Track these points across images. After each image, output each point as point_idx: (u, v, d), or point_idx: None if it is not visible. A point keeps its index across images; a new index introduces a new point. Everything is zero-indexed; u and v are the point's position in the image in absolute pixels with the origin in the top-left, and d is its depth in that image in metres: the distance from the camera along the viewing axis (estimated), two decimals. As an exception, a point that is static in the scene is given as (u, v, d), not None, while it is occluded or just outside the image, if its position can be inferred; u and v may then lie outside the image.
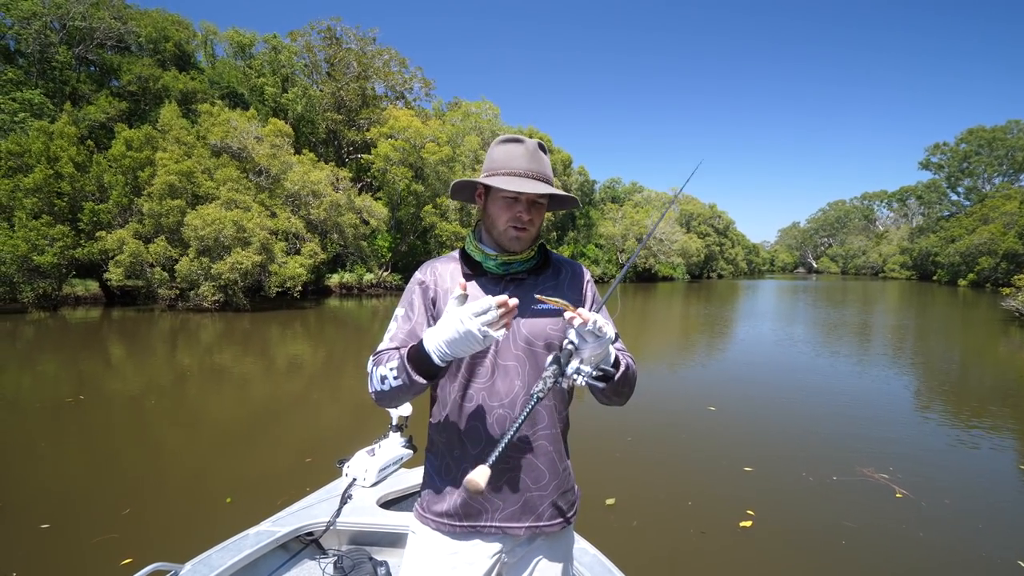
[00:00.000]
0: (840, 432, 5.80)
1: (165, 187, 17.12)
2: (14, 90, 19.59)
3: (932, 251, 56.85)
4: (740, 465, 4.74)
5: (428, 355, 1.09)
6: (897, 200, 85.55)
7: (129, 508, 3.77)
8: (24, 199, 16.17)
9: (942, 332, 15.63)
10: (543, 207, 1.32)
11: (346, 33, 31.87)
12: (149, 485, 4.24)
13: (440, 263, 1.35)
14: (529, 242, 1.31)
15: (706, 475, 4.55)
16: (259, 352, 10.89)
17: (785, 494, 4.19)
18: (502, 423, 1.24)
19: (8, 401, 6.72)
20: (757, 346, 12.14)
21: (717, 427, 5.93)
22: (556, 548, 1.33)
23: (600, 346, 1.09)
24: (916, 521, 3.75)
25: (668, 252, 47.07)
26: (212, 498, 3.96)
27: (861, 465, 4.74)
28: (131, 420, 6.07)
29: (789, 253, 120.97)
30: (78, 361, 9.40)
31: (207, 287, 16.70)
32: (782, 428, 5.99)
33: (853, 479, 4.45)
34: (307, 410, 6.34)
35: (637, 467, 4.72)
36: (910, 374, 9.29)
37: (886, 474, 4.54)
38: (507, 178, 1.25)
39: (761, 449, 5.20)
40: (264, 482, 4.24)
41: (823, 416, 6.44)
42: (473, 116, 31.53)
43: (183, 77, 24.31)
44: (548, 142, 40.66)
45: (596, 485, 4.17)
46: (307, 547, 2.28)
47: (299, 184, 20.51)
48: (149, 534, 3.41)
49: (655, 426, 5.94)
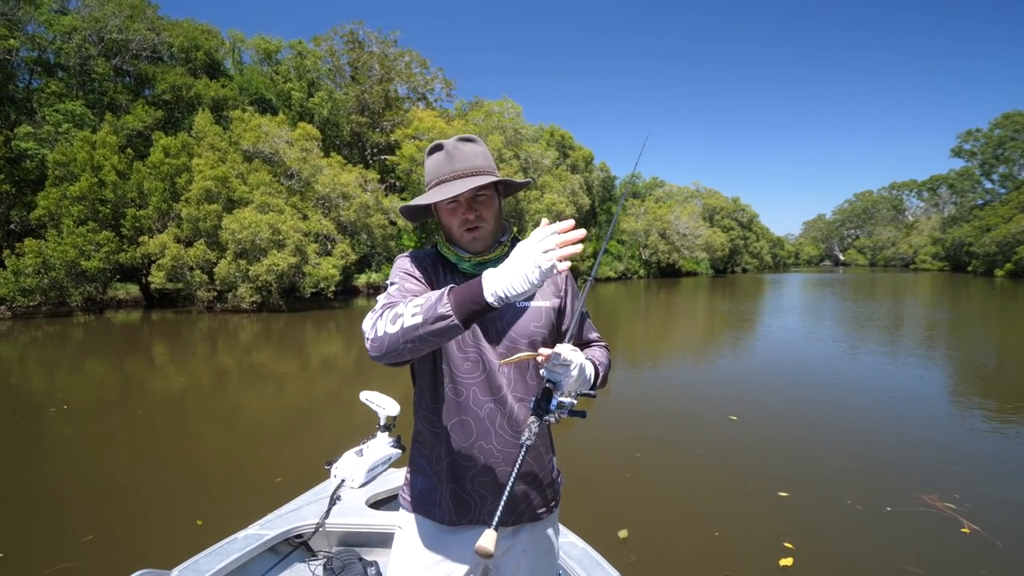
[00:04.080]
0: (891, 448, 4.97)
1: (202, 192, 17.69)
2: (57, 102, 20.40)
3: (966, 241, 55.25)
4: (772, 489, 4.07)
5: (480, 291, 0.96)
6: (928, 189, 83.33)
7: (170, 501, 3.98)
8: (71, 207, 16.88)
9: (991, 327, 14.39)
10: (490, 198, 1.27)
11: (368, 37, 32.35)
12: (190, 481, 4.48)
13: (421, 254, 1.34)
14: (489, 238, 1.28)
15: (733, 501, 3.93)
16: (296, 351, 11.25)
17: (830, 527, 3.55)
18: (492, 418, 1.26)
19: (61, 400, 7.13)
20: (783, 345, 11.29)
21: (740, 441, 5.22)
22: (541, 536, 1.36)
23: (570, 374, 1.10)
24: (990, 565, 3.10)
25: (692, 247, 46.65)
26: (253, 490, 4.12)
27: (921, 491, 4.01)
28: (175, 418, 6.37)
29: (815, 246, 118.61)
30: (130, 361, 9.85)
31: (245, 288, 17.22)
32: (819, 443, 5.17)
33: (912, 509, 3.75)
34: (340, 408, 6.55)
35: (650, 490, 4.15)
36: (969, 377, 8.16)
37: (951, 503, 3.82)
38: (436, 188, 1.24)
39: (795, 469, 4.50)
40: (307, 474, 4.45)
41: (868, 428, 5.54)
42: (496, 115, 31.72)
43: (214, 85, 25.00)
44: (569, 139, 40.66)
45: (604, 514, 3.69)
46: (296, 549, 2.26)
47: (329, 187, 20.96)
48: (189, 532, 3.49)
49: (667, 439, 5.37)
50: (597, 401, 6.34)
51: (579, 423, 5.64)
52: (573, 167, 38.96)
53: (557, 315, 1.35)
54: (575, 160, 39.83)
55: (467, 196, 1.25)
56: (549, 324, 1.32)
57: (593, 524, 2.10)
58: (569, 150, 40.17)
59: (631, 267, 45.10)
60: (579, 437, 5.32)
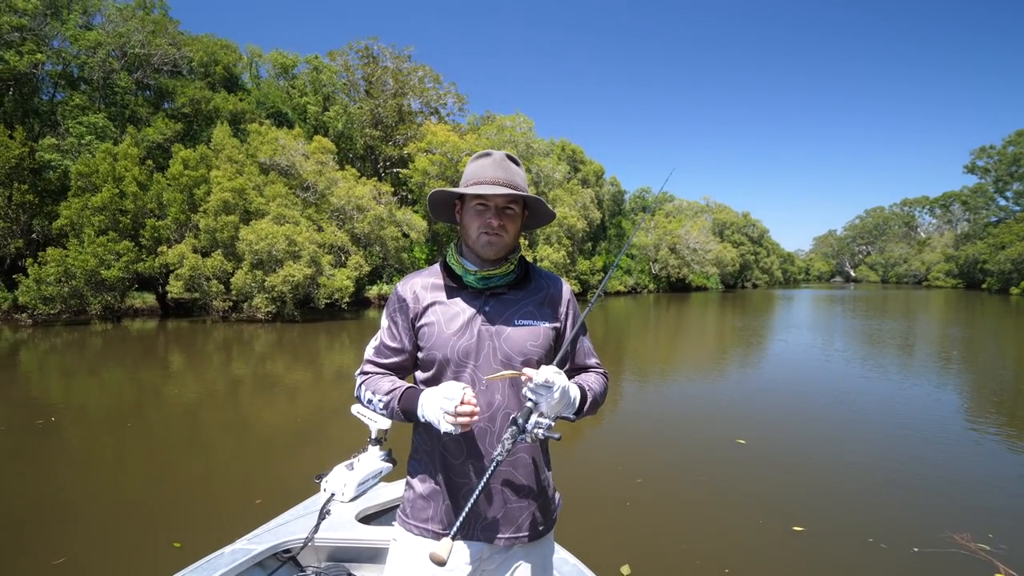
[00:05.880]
0: (916, 479, 4.58)
1: (220, 203, 17.98)
2: (80, 115, 20.90)
3: (980, 258, 54.73)
4: (785, 522, 3.77)
5: (415, 411, 1.23)
6: (940, 206, 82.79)
7: (185, 506, 4.06)
8: (92, 217, 17.21)
9: (1011, 347, 14.09)
10: (515, 216, 1.33)
11: (383, 52, 32.91)
12: (203, 486, 4.55)
13: (420, 278, 1.38)
14: (503, 249, 1.31)
15: (743, 536, 3.65)
16: (309, 361, 11.35)
17: (852, 569, 3.24)
18: (482, 436, 1.27)
19: (77, 407, 7.24)
20: (794, 363, 10.98)
21: (748, 467, 4.91)
22: (535, 555, 1.35)
23: (553, 397, 1.14)
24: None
25: (702, 262, 46.57)
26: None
27: (952, 529, 3.67)
28: (189, 425, 6.47)
29: (825, 262, 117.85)
30: (158, 367, 9.99)
31: (260, 299, 17.42)
32: (834, 471, 4.80)
33: (942, 550, 3.42)
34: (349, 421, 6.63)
35: (653, 519, 3.93)
36: (1001, 402, 7.65)
37: (985, 543, 3.48)
38: (475, 186, 1.29)
39: (809, 500, 4.19)
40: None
41: (889, 456, 5.16)
42: (508, 130, 32.04)
43: (232, 98, 25.49)
44: (580, 153, 40.91)
45: (605, 545, 3.49)
46: (284, 564, 2.21)
47: (344, 199, 21.23)
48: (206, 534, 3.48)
49: (670, 463, 5.13)
50: (600, 419, 6.34)
51: (579, 444, 5.62)
52: (584, 181, 39.14)
53: (556, 337, 1.37)
54: (586, 174, 40.03)
55: (499, 203, 1.29)
56: (546, 344, 1.33)
57: (593, 556, 2.06)
58: (580, 164, 40.40)
59: (641, 281, 45.05)
60: (578, 459, 5.20)
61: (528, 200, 1.34)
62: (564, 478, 2.81)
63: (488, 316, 1.30)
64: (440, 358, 1.29)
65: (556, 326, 1.37)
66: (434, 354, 1.29)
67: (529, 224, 1.42)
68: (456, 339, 1.28)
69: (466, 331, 1.28)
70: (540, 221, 1.44)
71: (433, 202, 1.39)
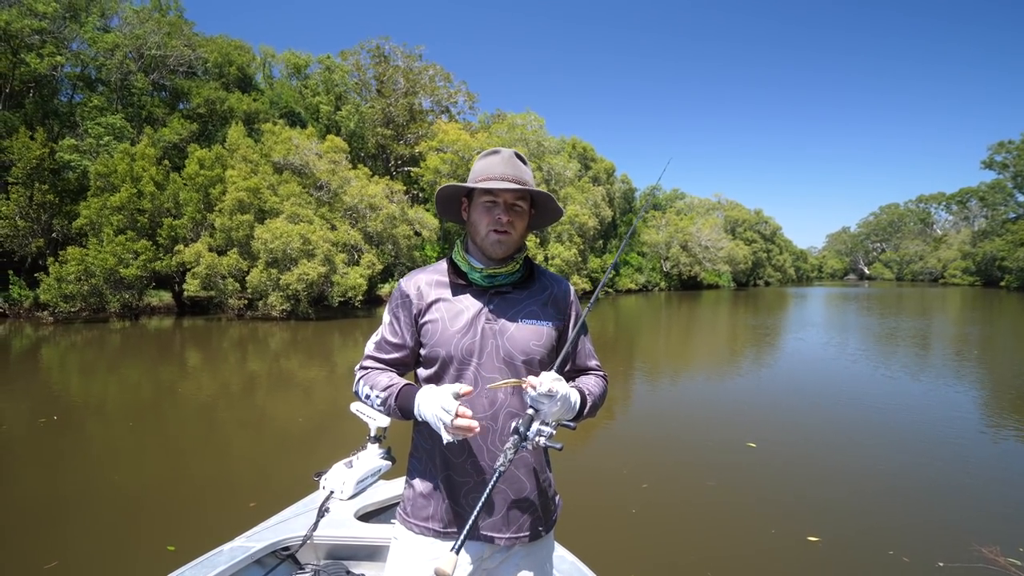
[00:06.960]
0: (939, 487, 4.34)
1: (235, 203, 18.19)
2: (98, 115, 21.22)
3: (998, 255, 53.88)
4: (799, 532, 3.59)
5: (412, 408, 1.23)
6: (957, 202, 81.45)
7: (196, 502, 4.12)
8: (111, 216, 17.50)
9: None
10: (523, 213, 1.33)
11: (394, 51, 33.05)
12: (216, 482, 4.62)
13: (425, 275, 1.37)
14: (511, 246, 1.31)
15: (755, 546, 3.48)
16: (323, 358, 11.48)
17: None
18: (484, 434, 1.26)
19: (96, 403, 7.39)
20: (807, 363, 10.74)
21: (759, 473, 4.72)
22: (535, 555, 1.35)
23: (555, 405, 1.14)
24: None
25: (714, 259, 46.27)
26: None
27: (979, 541, 3.45)
28: (205, 421, 6.58)
29: (839, 259, 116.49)
30: (175, 364, 10.16)
31: (275, 297, 17.61)
32: (850, 477, 4.55)
33: (969, 565, 3.18)
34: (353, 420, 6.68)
35: (661, 529, 3.78)
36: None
37: (1017, 558, 3.24)
38: (484, 182, 1.29)
39: (824, 509, 3.98)
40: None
41: (910, 461, 4.90)
42: (519, 128, 32.05)
43: (246, 99, 25.76)
44: (591, 151, 40.86)
45: (611, 554, 3.36)
46: (283, 562, 2.21)
47: (357, 198, 21.39)
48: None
49: (677, 467, 4.96)
50: (604, 421, 6.26)
51: (584, 447, 5.55)
52: (595, 179, 39.08)
53: (559, 337, 1.37)
54: (597, 172, 39.97)
55: (508, 199, 1.29)
56: (549, 344, 1.34)
57: (599, 565, 2.11)
58: (591, 162, 40.33)
59: (652, 279, 44.88)
60: (582, 463, 5.08)
61: (536, 198, 1.35)
62: (568, 483, 2.87)
63: (492, 314, 1.31)
64: (443, 355, 1.29)
65: (559, 326, 1.37)
66: (437, 351, 1.30)
67: (536, 222, 1.42)
68: (460, 337, 1.28)
69: (470, 329, 1.29)
70: (547, 219, 1.43)
71: (440, 199, 1.39)
